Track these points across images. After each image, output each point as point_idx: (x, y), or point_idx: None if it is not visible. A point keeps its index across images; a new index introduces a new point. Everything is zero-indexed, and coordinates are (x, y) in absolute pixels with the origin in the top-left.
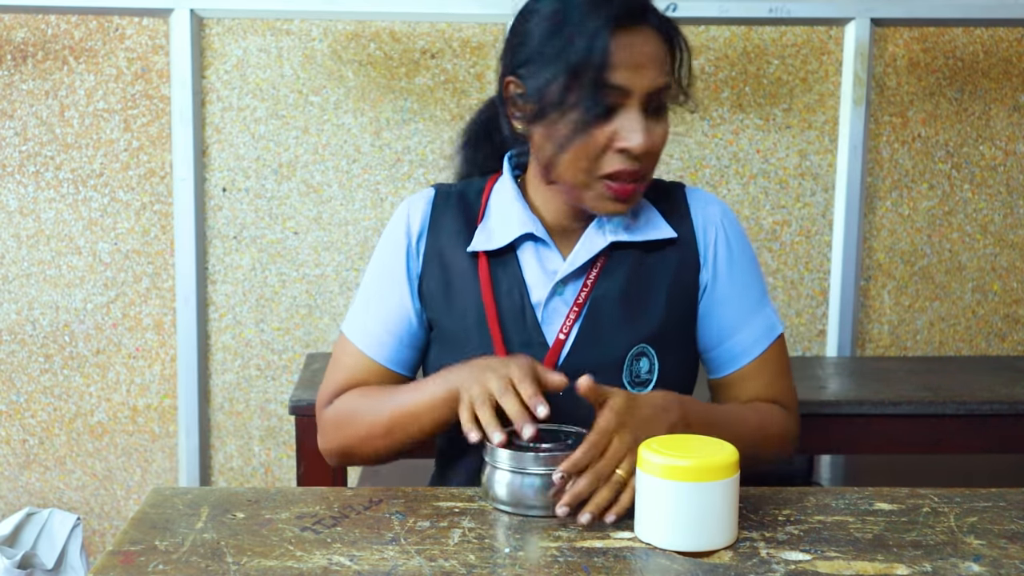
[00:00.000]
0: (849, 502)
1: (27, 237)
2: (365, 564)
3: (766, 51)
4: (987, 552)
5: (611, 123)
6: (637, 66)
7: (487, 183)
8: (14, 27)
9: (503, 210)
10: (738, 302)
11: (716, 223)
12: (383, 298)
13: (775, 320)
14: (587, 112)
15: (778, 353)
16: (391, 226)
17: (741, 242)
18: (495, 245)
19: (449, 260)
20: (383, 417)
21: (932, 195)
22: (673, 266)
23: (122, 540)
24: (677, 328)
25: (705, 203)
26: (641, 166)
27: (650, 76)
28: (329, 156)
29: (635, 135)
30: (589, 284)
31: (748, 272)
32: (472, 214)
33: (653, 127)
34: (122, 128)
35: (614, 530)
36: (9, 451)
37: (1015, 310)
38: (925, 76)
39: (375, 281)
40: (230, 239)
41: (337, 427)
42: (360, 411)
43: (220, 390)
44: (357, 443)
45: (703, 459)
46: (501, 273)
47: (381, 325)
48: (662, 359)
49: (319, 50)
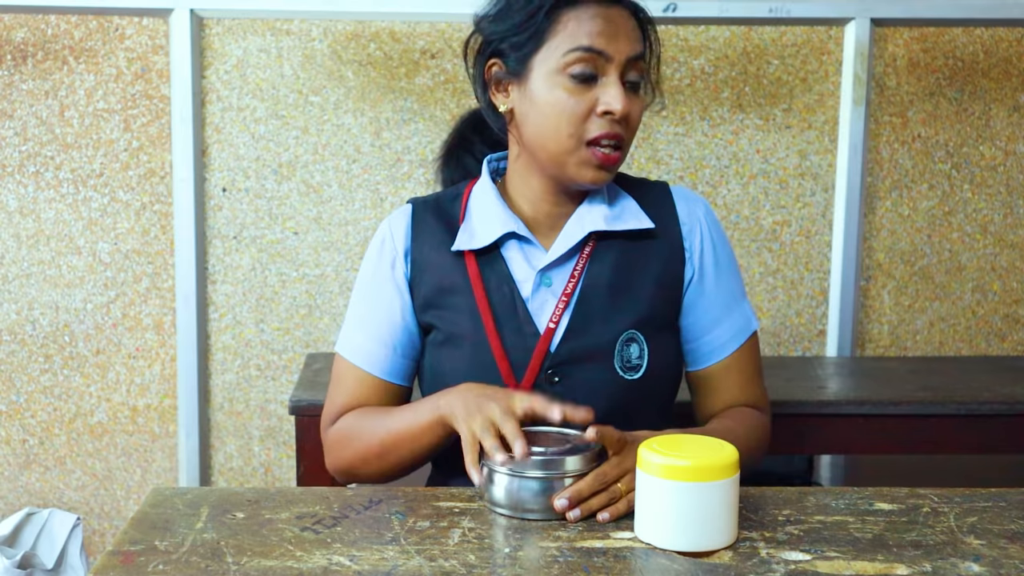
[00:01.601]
0: (849, 502)
1: (27, 237)
2: (365, 564)
3: (766, 51)
4: (987, 552)
5: (593, 89)
6: (614, 34)
7: (465, 188)
8: (14, 27)
9: (484, 211)
10: (719, 298)
11: (700, 220)
12: (373, 312)
13: (750, 316)
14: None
15: (752, 351)
16: (374, 245)
17: (722, 240)
18: (479, 244)
19: (437, 264)
20: (377, 440)
21: (932, 195)
22: (659, 257)
23: (122, 540)
24: (664, 316)
25: (689, 201)
26: (622, 131)
27: (627, 45)
28: (329, 156)
29: (615, 100)
30: (577, 274)
31: (728, 270)
32: (452, 217)
33: (630, 100)
34: (122, 128)
35: (614, 530)
36: (9, 451)
37: (1015, 310)
38: (925, 76)
39: (364, 298)
40: (230, 239)
41: (340, 448)
42: (357, 433)
43: (220, 390)
44: (359, 463)
45: (703, 459)
46: (489, 270)
47: (374, 339)
48: (651, 345)
49: (319, 50)
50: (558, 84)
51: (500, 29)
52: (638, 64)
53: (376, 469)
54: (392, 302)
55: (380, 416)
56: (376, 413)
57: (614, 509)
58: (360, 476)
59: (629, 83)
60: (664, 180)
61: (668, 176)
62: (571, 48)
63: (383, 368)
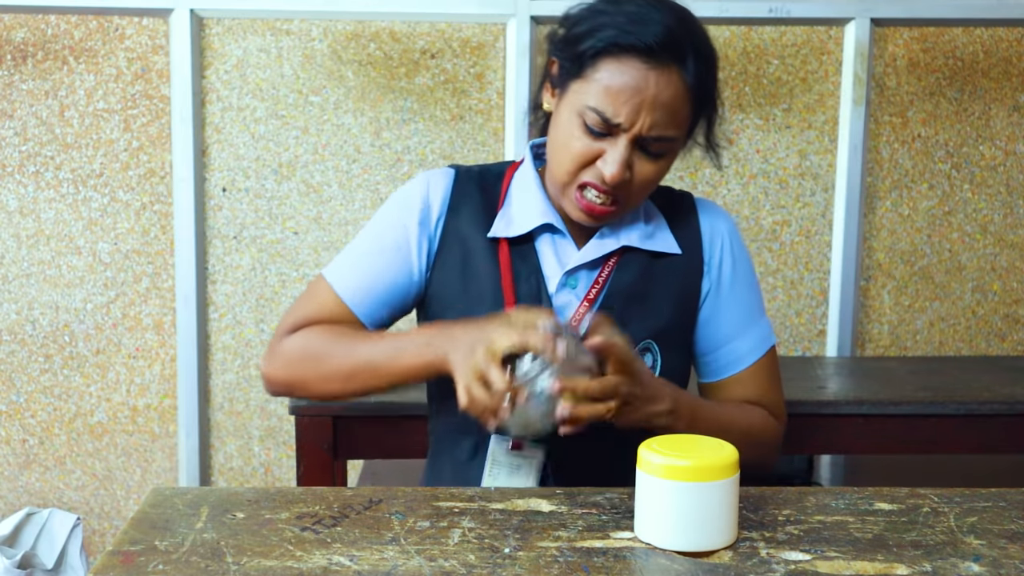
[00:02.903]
0: (849, 502)
1: (27, 237)
2: (365, 564)
3: (766, 51)
4: (987, 552)
5: (603, 141)
6: (637, 106)
7: (507, 169)
8: (14, 27)
9: (524, 198)
10: (735, 313)
11: (723, 236)
12: (378, 258)
13: (769, 332)
14: (581, 127)
15: (770, 363)
16: (407, 193)
17: (743, 257)
18: (515, 232)
19: (469, 244)
20: (348, 363)
21: (932, 195)
22: (679, 274)
23: (122, 540)
24: (680, 329)
25: (714, 215)
26: (615, 193)
27: (649, 119)
28: (329, 156)
29: (611, 166)
30: (602, 281)
31: (747, 287)
32: (492, 199)
33: (642, 164)
34: (122, 128)
35: (614, 530)
36: (9, 451)
37: (1015, 310)
38: (925, 76)
39: (375, 238)
40: (230, 239)
41: (294, 360)
42: (325, 350)
43: (220, 390)
44: (313, 380)
45: (703, 459)
46: (520, 260)
47: (369, 280)
48: (665, 356)
49: (319, 50)
50: (575, 122)
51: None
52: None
53: (333, 390)
54: (405, 258)
55: (357, 340)
56: (350, 335)
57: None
58: (305, 392)
59: (646, 151)
60: (688, 191)
61: (668, 176)
62: (589, 105)
63: (364, 310)
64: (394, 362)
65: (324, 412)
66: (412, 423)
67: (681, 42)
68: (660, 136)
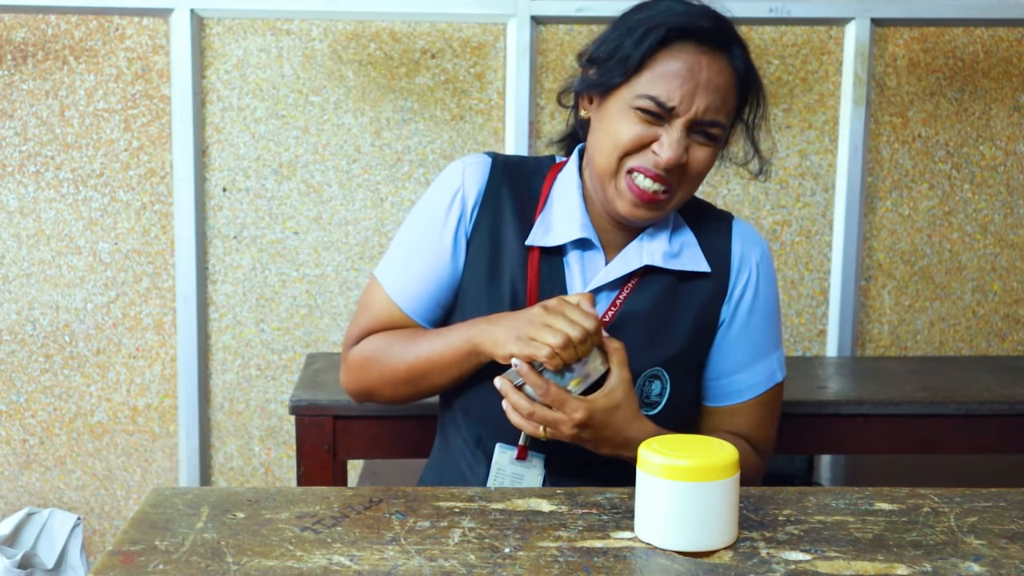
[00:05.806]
0: (849, 502)
1: (27, 237)
2: (365, 564)
3: (766, 51)
4: (987, 552)
5: (657, 127)
6: (692, 90)
7: (549, 168)
8: (14, 27)
9: (564, 205)
10: (745, 348)
11: (751, 266)
12: (422, 254)
13: (777, 368)
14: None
15: (770, 400)
16: (444, 183)
17: (768, 291)
18: (551, 243)
19: (501, 243)
20: (404, 364)
21: (932, 195)
22: (703, 295)
23: (122, 540)
24: (693, 356)
25: (748, 242)
26: (668, 177)
27: (704, 102)
28: (329, 156)
29: (667, 148)
30: (619, 302)
31: (765, 320)
32: (532, 199)
33: (695, 150)
34: (122, 128)
35: (614, 530)
36: (9, 451)
37: (1015, 310)
38: (925, 76)
39: (420, 236)
40: (230, 239)
41: (361, 368)
42: (384, 355)
43: (220, 390)
44: (381, 385)
45: (703, 459)
46: (547, 271)
47: (419, 281)
48: (674, 384)
49: (319, 50)
50: (626, 115)
51: (601, 50)
52: (713, 124)
53: (399, 392)
54: (448, 256)
55: (409, 340)
56: (404, 336)
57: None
58: (379, 397)
59: (701, 135)
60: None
61: None
62: (642, 94)
63: (417, 311)
64: (441, 355)
65: (324, 412)
66: (412, 423)
67: (729, 30)
68: (713, 120)
